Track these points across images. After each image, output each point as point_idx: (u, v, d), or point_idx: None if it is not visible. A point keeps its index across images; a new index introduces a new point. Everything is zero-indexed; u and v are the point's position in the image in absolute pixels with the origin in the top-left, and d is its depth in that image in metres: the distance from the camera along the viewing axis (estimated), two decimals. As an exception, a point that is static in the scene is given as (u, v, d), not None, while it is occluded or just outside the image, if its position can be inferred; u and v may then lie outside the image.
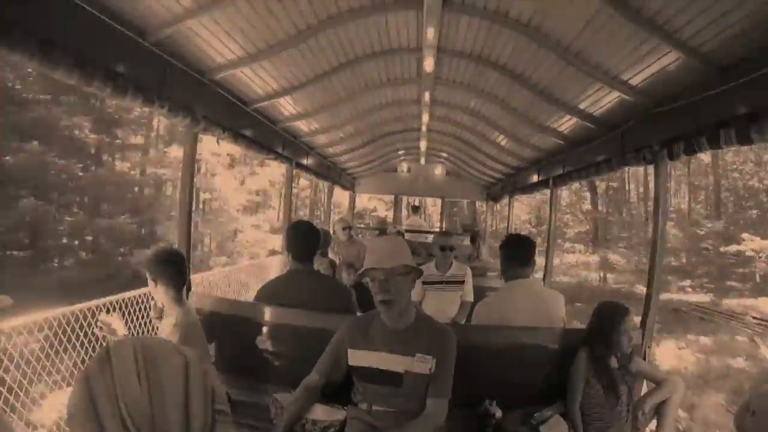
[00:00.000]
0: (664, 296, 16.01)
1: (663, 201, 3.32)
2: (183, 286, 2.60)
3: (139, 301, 3.90)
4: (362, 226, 11.58)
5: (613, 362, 2.53)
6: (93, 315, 3.25)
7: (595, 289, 21.31)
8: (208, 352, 2.57)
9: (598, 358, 2.50)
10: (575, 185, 23.13)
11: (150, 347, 0.79)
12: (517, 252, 2.96)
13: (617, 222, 29.03)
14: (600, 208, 29.04)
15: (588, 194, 29.06)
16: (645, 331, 3.11)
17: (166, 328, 2.49)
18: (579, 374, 2.50)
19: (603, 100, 3.81)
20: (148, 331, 3.94)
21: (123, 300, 3.83)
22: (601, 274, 24.32)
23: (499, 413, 2.41)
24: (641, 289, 13.96)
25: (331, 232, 6.40)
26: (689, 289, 21.14)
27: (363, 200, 11.83)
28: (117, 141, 21.28)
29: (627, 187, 30.54)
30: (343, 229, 6.16)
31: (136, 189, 22.26)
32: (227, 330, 2.82)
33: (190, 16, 2.85)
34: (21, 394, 3.04)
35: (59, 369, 3.29)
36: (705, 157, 25.50)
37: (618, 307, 2.59)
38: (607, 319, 2.54)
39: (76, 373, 3.30)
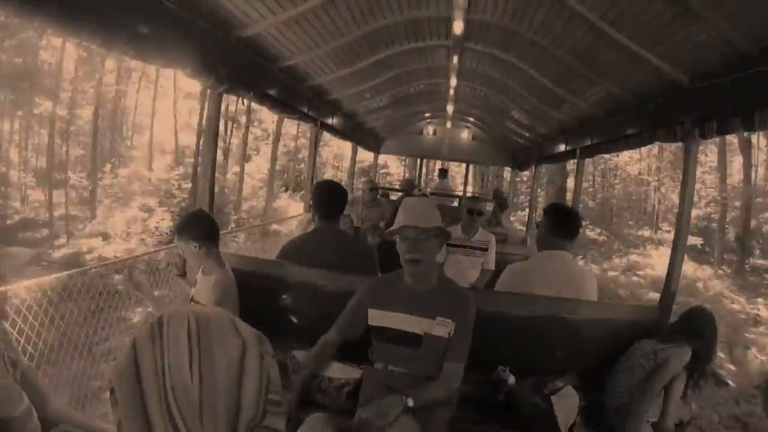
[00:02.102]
0: None
1: (691, 180, 3.24)
2: (218, 244, 2.67)
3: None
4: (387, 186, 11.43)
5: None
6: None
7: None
8: (238, 313, 2.65)
9: (701, 363, 2.53)
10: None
11: (206, 324, 0.73)
12: (564, 223, 2.87)
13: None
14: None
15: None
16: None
17: (206, 287, 2.57)
18: (674, 370, 2.50)
19: (636, 72, 3.67)
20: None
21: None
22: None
23: (512, 380, 2.45)
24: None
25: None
26: None
27: (370, 156, 11.30)
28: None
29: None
30: (370, 189, 6.16)
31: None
32: (248, 286, 2.89)
33: None
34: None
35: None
36: None
37: (712, 314, 2.66)
38: (709, 325, 2.59)
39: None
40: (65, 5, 2.08)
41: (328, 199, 3.00)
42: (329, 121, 6.55)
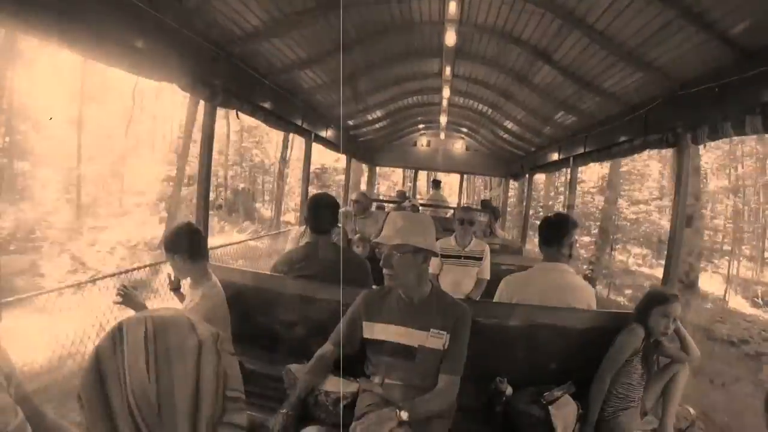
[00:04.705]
0: None
1: (684, 186, 3.25)
2: (206, 257, 2.65)
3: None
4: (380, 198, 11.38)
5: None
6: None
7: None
8: (229, 325, 2.63)
9: (648, 337, 2.53)
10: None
11: (163, 326, 0.77)
12: (546, 233, 2.86)
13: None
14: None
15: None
16: None
17: (194, 300, 2.55)
18: (628, 348, 2.50)
19: (627, 80, 3.72)
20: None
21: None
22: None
23: (509, 391, 2.43)
24: None
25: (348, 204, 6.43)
26: None
27: (325, 156, 10.07)
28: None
29: None
30: (361, 202, 6.19)
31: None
32: (243, 300, 2.87)
33: None
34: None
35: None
36: None
37: (659, 294, 2.61)
38: (647, 302, 2.57)
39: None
40: (64, 17, 2.09)
41: (321, 212, 3.00)
42: (323, 133, 6.55)
